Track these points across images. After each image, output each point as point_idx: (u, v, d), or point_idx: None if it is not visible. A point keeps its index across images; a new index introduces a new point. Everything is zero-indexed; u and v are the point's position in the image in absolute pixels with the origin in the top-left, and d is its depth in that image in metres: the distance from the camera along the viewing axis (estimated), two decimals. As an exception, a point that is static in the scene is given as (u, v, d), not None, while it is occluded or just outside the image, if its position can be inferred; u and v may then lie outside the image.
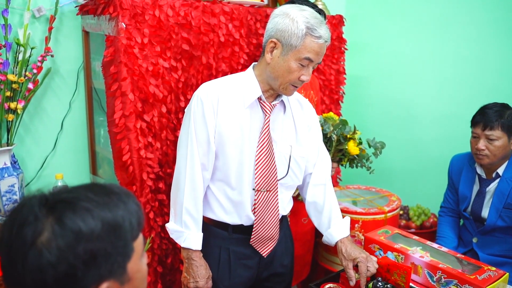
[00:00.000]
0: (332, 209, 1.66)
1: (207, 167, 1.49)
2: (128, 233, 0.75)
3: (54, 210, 0.70)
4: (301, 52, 1.39)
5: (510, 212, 1.97)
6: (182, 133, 1.51)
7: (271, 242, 1.58)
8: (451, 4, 2.66)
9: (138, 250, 0.78)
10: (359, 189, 2.65)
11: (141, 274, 0.80)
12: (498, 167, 2.02)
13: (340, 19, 2.62)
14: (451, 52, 2.69)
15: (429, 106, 2.84)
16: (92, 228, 0.70)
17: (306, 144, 1.61)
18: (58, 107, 2.14)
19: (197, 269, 1.49)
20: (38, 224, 0.69)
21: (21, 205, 0.72)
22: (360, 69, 3.12)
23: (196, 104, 1.45)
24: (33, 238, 0.68)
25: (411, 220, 2.73)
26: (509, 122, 1.95)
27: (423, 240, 1.82)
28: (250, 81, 1.49)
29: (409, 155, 2.97)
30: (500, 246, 2.04)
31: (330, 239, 1.63)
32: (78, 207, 0.71)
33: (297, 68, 1.41)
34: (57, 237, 0.68)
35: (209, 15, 1.93)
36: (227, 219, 1.54)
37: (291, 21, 1.38)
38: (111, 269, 0.72)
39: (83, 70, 2.16)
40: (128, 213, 0.76)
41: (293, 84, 1.45)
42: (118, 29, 1.71)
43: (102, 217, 0.72)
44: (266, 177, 1.50)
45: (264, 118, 1.50)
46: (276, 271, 1.66)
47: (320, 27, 1.39)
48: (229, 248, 1.56)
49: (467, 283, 1.49)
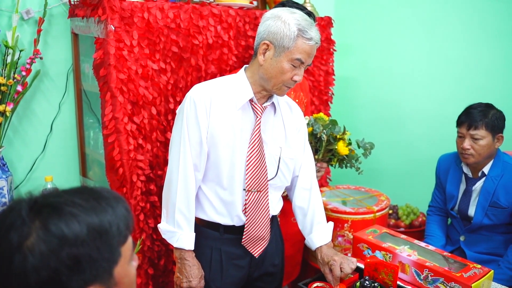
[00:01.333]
0: (315, 215, 1.67)
1: (199, 167, 1.50)
2: (115, 238, 0.75)
3: (41, 215, 0.70)
4: (293, 53, 1.42)
5: (496, 210, 2.01)
6: (174, 133, 1.52)
7: (263, 242, 1.60)
8: (438, 6, 2.69)
9: (126, 255, 0.78)
10: (349, 189, 2.67)
11: (128, 278, 0.80)
12: (483, 166, 2.05)
13: (328, 20, 2.64)
14: (438, 54, 2.73)
15: (417, 107, 2.87)
16: (77, 233, 0.70)
17: (295, 146, 1.64)
18: (48, 109, 2.13)
19: (190, 269, 1.50)
20: (24, 228, 0.69)
21: (10, 208, 0.73)
22: (349, 70, 3.14)
23: (189, 105, 1.47)
24: (19, 242, 0.68)
25: (400, 219, 2.76)
26: (493, 121, 1.98)
27: (411, 239, 1.85)
28: (242, 83, 1.51)
29: (397, 155, 3.00)
30: (487, 244, 2.08)
31: (311, 244, 1.65)
32: (64, 212, 0.71)
33: (290, 69, 1.44)
34: (41, 242, 0.68)
35: (198, 17, 1.95)
36: (218, 220, 1.55)
37: (283, 24, 1.41)
38: (97, 274, 0.72)
39: (73, 72, 2.16)
40: (116, 218, 0.76)
41: (286, 85, 1.48)
42: (107, 31, 1.72)
43: (88, 222, 0.71)
44: (257, 178, 1.52)
45: (256, 120, 1.52)
46: (267, 270, 1.68)
47: (311, 29, 1.43)
48: (220, 248, 1.57)
49: (453, 281, 1.52)
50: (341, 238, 2.34)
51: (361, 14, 3.08)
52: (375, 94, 3.08)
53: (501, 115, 2.01)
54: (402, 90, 2.93)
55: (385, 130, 3.03)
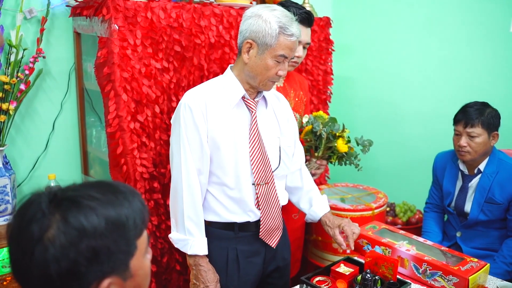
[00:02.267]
0: (311, 190, 1.79)
1: (203, 171, 1.52)
2: (131, 232, 0.77)
3: (60, 208, 0.73)
4: (276, 50, 1.46)
5: (491, 206, 2.05)
6: (173, 142, 1.54)
7: (278, 231, 1.64)
8: (435, 7, 2.74)
9: (141, 248, 0.80)
10: (347, 187, 2.71)
11: (143, 271, 0.82)
12: (479, 163, 2.10)
13: (327, 21, 2.68)
14: (435, 54, 2.77)
15: (414, 105, 2.91)
16: (95, 226, 0.72)
17: (288, 134, 1.69)
18: (50, 108, 2.15)
19: (206, 274, 1.52)
20: (44, 220, 0.72)
21: (30, 201, 0.75)
22: (347, 70, 3.18)
23: (185, 112, 1.48)
24: (40, 234, 0.71)
25: (398, 217, 2.80)
26: (488, 119, 2.02)
27: (409, 235, 1.89)
28: (232, 82, 1.54)
29: (395, 154, 3.05)
30: (482, 240, 2.12)
31: (314, 216, 1.76)
32: (83, 205, 0.73)
33: (274, 65, 1.48)
34: (61, 233, 0.70)
35: (199, 17, 1.97)
36: (233, 218, 1.57)
37: (264, 22, 1.44)
38: (114, 266, 0.74)
39: (75, 71, 2.18)
40: (132, 211, 0.78)
41: (271, 80, 1.52)
42: (111, 31, 1.74)
43: (106, 215, 0.74)
44: (263, 170, 1.56)
45: (251, 115, 1.55)
46: (278, 265, 1.71)
47: (292, 25, 1.46)
48: (236, 247, 1.59)
49: (451, 274, 1.56)
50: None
51: (358, 15, 3.12)
52: (372, 94, 3.12)
53: (497, 113, 2.06)
54: (399, 89, 2.98)
55: (382, 129, 3.07)
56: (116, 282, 0.75)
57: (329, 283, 1.56)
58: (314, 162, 2.04)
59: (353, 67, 3.18)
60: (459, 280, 1.54)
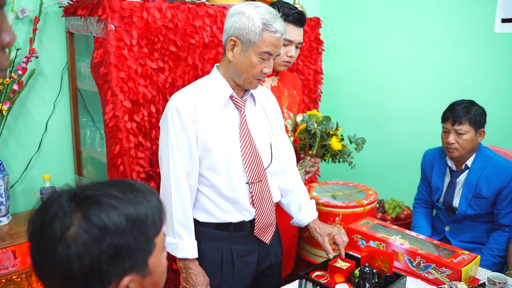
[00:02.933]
0: (301, 194, 1.78)
1: (192, 173, 1.52)
2: (151, 229, 0.78)
3: (81, 206, 0.74)
4: (260, 47, 1.45)
5: (479, 201, 2.12)
6: (162, 145, 1.53)
7: (271, 228, 1.67)
8: (421, 8, 2.81)
9: (159, 246, 0.82)
10: (338, 184, 2.75)
11: (161, 268, 0.83)
12: (466, 159, 2.16)
13: (317, 21, 2.72)
14: (421, 54, 2.84)
15: (401, 104, 2.98)
16: (117, 224, 0.73)
17: (278, 131, 1.71)
18: (42, 108, 2.14)
19: (196, 277, 1.53)
20: (66, 219, 0.73)
21: (51, 200, 0.76)
22: (335, 70, 3.23)
23: (173, 114, 1.47)
24: (62, 232, 0.72)
25: (387, 213, 2.86)
26: (475, 117, 2.09)
27: (402, 229, 1.94)
28: (218, 82, 1.54)
29: (383, 152, 3.11)
30: (470, 233, 2.20)
31: (302, 221, 1.77)
32: (104, 203, 0.74)
33: (259, 62, 1.47)
34: (83, 231, 0.72)
35: (194, 17, 1.99)
36: (228, 219, 1.57)
37: (247, 19, 1.44)
38: (134, 264, 0.76)
39: (67, 71, 2.17)
40: (151, 209, 0.79)
41: (257, 77, 1.51)
42: (107, 31, 1.74)
43: (127, 213, 0.75)
44: (255, 168, 1.56)
45: (240, 114, 1.55)
46: (271, 263, 1.73)
47: (275, 22, 1.46)
48: (231, 247, 1.60)
49: (444, 266, 1.62)
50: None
51: (346, 15, 3.18)
52: (360, 93, 3.18)
53: (483, 111, 2.13)
54: (387, 88, 3.04)
55: (370, 128, 3.13)
56: (136, 280, 0.76)
57: (328, 278, 1.59)
58: (309, 160, 2.07)
59: (341, 66, 3.24)
60: (452, 272, 1.60)
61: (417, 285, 1.64)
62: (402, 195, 2.95)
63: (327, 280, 1.58)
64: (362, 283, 1.44)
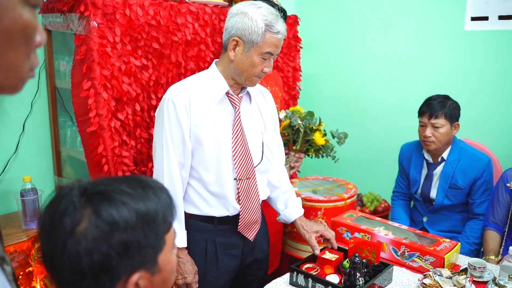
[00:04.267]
0: (287, 191, 1.82)
1: (185, 165, 1.54)
2: (161, 226, 0.78)
3: (92, 201, 0.73)
4: (263, 48, 1.49)
5: (455, 192, 2.21)
6: (156, 136, 1.55)
7: (256, 225, 1.68)
8: (394, 6, 2.89)
9: (169, 243, 0.81)
10: (317, 179, 2.81)
11: (170, 266, 0.83)
12: (442, 152, 2.25)
13: (295, 18, 2.76)
14: (396, 51, 2.93)
15: (377, 100, 3.06)
16: (127, 220, 0.73)
17: (271, 130, 1.73)
18: (19, 109, 2.07)
19: (184, 266, 1.55)
20: (76, 214, 0.72)
21: (62, 195, 0.75)
22: (311, 67, 3.28)
23: (168, 106, 1.49)
24: (72, 227, 0.71)
25: (365, 206, 2.94)
26: (450, 111, 2.18)
27: (385, 221, 2.01)
28: (216, 78, 1.56)
29: (360, 147, 3.18)
30: (447, 223, 2.29)
31: (288, 217, 1.80)
32: (114, 199, 0.74)
33: (260, 62, 1.51)
34: (93, 227, 0.71)
35: (176, 15, 1.98)
36: (213, 213, 1.60)
37: (250, 20, 1.47)
38: (143, 260, 0.75)
39: (45, 70, 2.11)
40: (161, 206, 0.78)
41: (257, 76, 1.55)
42: (90, 28, 1.71)
43: (137, 209, 0.74)
44: (245, 166, 1.59)
45: (235, 111, 1.58)
46: (256, 257, 1.76)
47: (277, 23, 1.49)
48: (215, 240, 1.62)
49: (428, 254, 1.68)
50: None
51: (321, 13, 3.23)
52: (337, 89, 3.24)
53: (457, 105, 2.22)
54: (363, 85, 3.11)
55: (348, 123, 3.19)
56: (145, 277, 0.76)
57: (318, 269, 1.63)
58: (293, 155, 2.10)
59: (318, 64, 3.29)
60: (435, 259, 1.66)
61: (402, 274, 1.70)
62: (379, 188, 3.04)
63: (317, 271, 1.61)
64: (353, 272, 1.48)
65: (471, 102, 2.62)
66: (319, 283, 1.52)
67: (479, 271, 1.62)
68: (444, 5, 2.68)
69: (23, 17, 0.58)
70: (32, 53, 0.63)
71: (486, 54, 2.61)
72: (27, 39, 0.60)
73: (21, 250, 1.84)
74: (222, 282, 1.65)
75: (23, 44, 0.60)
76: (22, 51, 0.60)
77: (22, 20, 0.58)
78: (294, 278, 1.59)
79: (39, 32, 0.62)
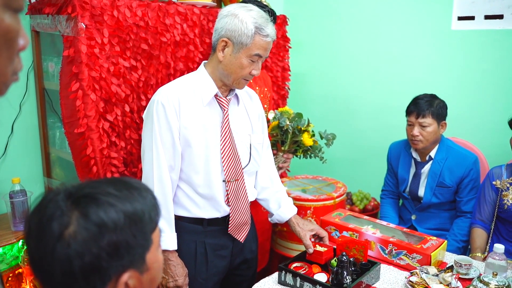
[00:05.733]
0: (279, 191, 1.82)
1: (174, 168, 1.54)
2: (147, 226, 0.79)
3: (79, 205, 0.74)
4: (252, 50, 1.50)
5: (442, 190, 2.24)
6: (145, 139, 1.55)
7: (246, 227, 1.69)
8: (382, 6, 2.92)
9: (155, 242, 0.83)
10: (307, 179, 2.82)
11: (158, 264, 0.84)
12: (430, 151, 2.28)
13: (284, 18, 2.77)
14: (384, 50, 2.96)
15: (366, 99, 3.09)
16: (115, 221, 0.74)
17: (259, 131, 1.74)
18: (8, 110, 2.06)
19: (175, 269, 1.55)
20: (64, 218, 0.73)
21: (48, 200, 0.75)
22: (300, 67, 3.30)
23: (158, 109, 1.49)
24: (60, 231, 0.72)
25: (355, 205, 2.96)
26: (437, 110, 2.21)
27: (373, 219, 2.03)
28: (205, 80, 1.57)
29: (349, 146, 3.21)
30: (435, 220, 2.32)
31: (283, 217, 1.80)
32: (101, 201, 0.75)
33: (248, 64, 1.51)
34: (83, 229, 0.72)
35: (164, 16, 1.98)
36: (202, 215, 1.60)
37: (240, 22, 1.48)
38: (132, 260, 0.76)
39: (33, 71, 2.11)
40: (147, 206, 0.80)
41: (245, 78, 1.55)
42: (77, 29, 1.71)
43: (124, 210, 0.76)
44: (233, 168, 1.60)
45: (223, 113, 1.58)
46: (246, 257, 1.77)
47: (267, 26, 1.51)
48: (204, 241, 1.63)
49: (415, 252, 1.71)
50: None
51: (309, 13, 3.25)
52: (326, 89, 3.27)
53: (444, 104, 2.25)
54: (351, 84, 3.14)
55: (336, 123, 3.22)
56: (134, 276, 0.77)
57: (306, 268, 1.65)
58: (281, 156, 2.12)
59: (306, 63, 3.31)
60: (422, 257, 1.69)
61: (390, 271, 1.72)
62: (369, 187, 3.06)
63: (305, 270, 1.63)
64: (340, 271, 1.50)
65: (458, 100, 2.65)
66: (307, 282, 1.53)
67: (465, 268, 1.65)
68: (431, 5, 2.71)
69: (5, 21, 0.59)
70: (15, 57, 0.63)
71: (472, 53, 2.64)
72: (9, 43, 0.61)
73: (10, 252, 1.83)
74: (212, 283, 1.66)
75: (5, 48, 0.60)
76: (5, 55, 0.61)
77: (3, 25, 0.59)
78: (283, 277, 1.60)
79: (22, 36, 0.62)
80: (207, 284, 1.65)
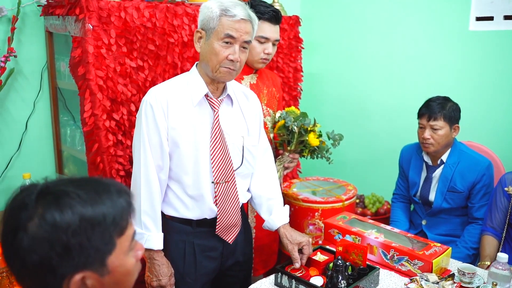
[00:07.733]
0: (272, 198, 1.77)
1: (163, 167, 1.54)
2: (109, 230, 0.80)
3: (44, 201, 0.76)
4: (220, 32, 1.47)
5: (453, 195, 2.18)
6: (135, 139, 1.56)
7: (235, 228, 1.67)
8: (398, 6, 2.86)
9: (122, 246, 0.83)
10: (318, 180, 2.80)
11: (124, 268, 0.84)
12: (442, 155, 2.22)
13: (296, 19, 2.76)
14: (399, 51, 2.90)
15: (380, 101, 3.03)
16: (69, 223, 0.75)
17: (255, 133, 1.71)
18: (22, 108, 2.14)
19: (159, 268, 1.55)
20: (30, 211, 0.76)
21: (27, 189, 0.79)
22: (315, 67, 3.27)
23: (146, 109, 1.50)
24: (24, 223, 0.75)
25: (367, 208, 2.92)
26: (450, 113, 2.15)
27: (377, 223, 1.99)
28: (195, 80, 1.56)
29: (362, 148, 3.16)
30: (446, 226, 2.26)
31: (272, 224, 1.74)
32: (63, 202, 0.76)
33: (221, 48, 1.48)
34: (37, 227, 0.75)
35: (172, 17, 2.01)
36: (190, 215, 1.60)
37: (207, 9, 1.49)
38: (86, 261, 0.78)
39: (47, 70, 2.18)
40: (113, 210, 0.81)
41: (224, 66, 1.49)
42: (85, 30, 1.76)
43: (82, 213, 0.77)
44: (223, 169, 1.57)
45: (214, 114, 1.57)
46: (238, 260, 1.74)
47: (235, 8, 1.48)
48: (193, 241, 1.62)
49: (416, 258, 1.67)
50: (312, 227, 2.46)
51: (326, 13, 3.22)
52: (339, 90, 3.23)
53: (457, 107, 2.18)
54: (365, 85, 3.09)
55: (350, 124, 3.18)
56: (92, 277, 0.79)
57: (303, 271, 1.64)
58: (287, 156, 2.11)
59: (321, 64, 3.28)
60: (424, 263, 1.65)
61: (390, 277, 1.69)
62: (382, 190, 3.01)
63: (302, 273, 1.62)
64: (335, 275, 1.48)
65: (475, 103, 2.57)
66: (302, 285, 1.52)
67: (468, 277, 1.60)
68: (448, 5, 2.64)
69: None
70: None
71: (490, 55, 2.55)
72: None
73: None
74: (201, 283, 1.66)
75: None
76: None
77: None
78: (279, 279, 1.60)
79: None
80: (196, 285, 1.64)
